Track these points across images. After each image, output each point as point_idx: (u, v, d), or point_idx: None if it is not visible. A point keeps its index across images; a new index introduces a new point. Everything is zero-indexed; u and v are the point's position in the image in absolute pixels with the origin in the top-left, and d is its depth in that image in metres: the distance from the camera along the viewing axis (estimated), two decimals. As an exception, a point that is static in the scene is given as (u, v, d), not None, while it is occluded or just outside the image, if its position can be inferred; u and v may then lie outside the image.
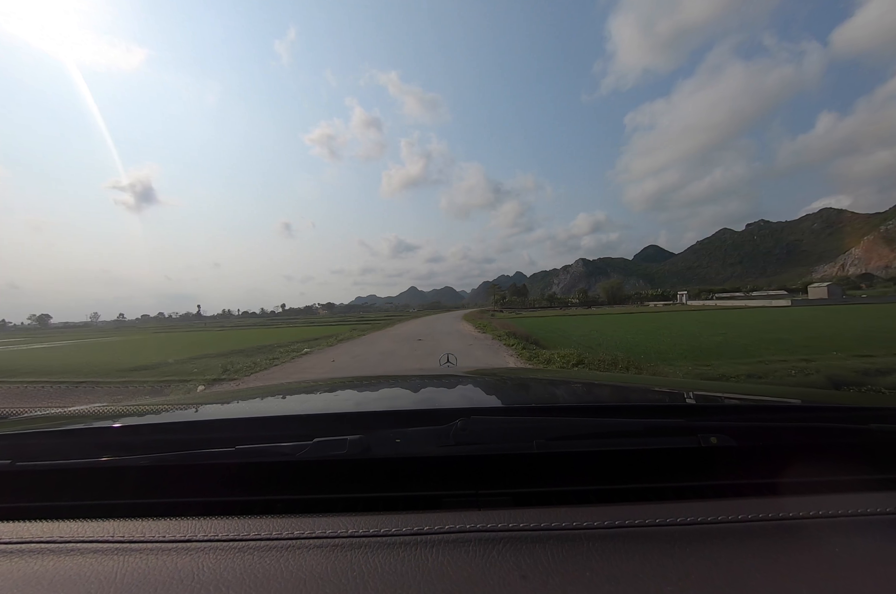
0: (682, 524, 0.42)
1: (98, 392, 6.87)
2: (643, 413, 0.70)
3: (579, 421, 0.62)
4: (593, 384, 1.31)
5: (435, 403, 0.95)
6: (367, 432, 0.56)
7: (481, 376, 1.41)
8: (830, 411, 0.69)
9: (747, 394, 0.96)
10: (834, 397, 0.95)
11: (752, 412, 0.71)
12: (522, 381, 1.36)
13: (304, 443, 0.54)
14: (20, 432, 0.68)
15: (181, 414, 0.86)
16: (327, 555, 0.39)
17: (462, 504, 0.51)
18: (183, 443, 0.59)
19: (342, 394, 1.16)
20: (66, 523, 0.46)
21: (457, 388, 1.15)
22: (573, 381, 1.38)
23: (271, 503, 0.53)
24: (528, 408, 0.79)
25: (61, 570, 0.38)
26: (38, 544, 0.43)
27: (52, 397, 6.76)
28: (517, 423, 0.60)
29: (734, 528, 0.41)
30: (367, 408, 0.86)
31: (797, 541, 0.39)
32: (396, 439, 0.56)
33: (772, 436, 0.58)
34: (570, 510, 0.45)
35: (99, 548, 0.41)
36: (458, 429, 0.55)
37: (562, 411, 0.69)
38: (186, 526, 0.44)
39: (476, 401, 0.99)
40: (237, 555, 0.39)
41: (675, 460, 0.57)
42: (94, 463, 0.56)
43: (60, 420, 0.76)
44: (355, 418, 0.70)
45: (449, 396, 1.06)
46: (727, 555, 0.37)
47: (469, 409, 0.65)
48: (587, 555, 0.38)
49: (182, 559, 0.39)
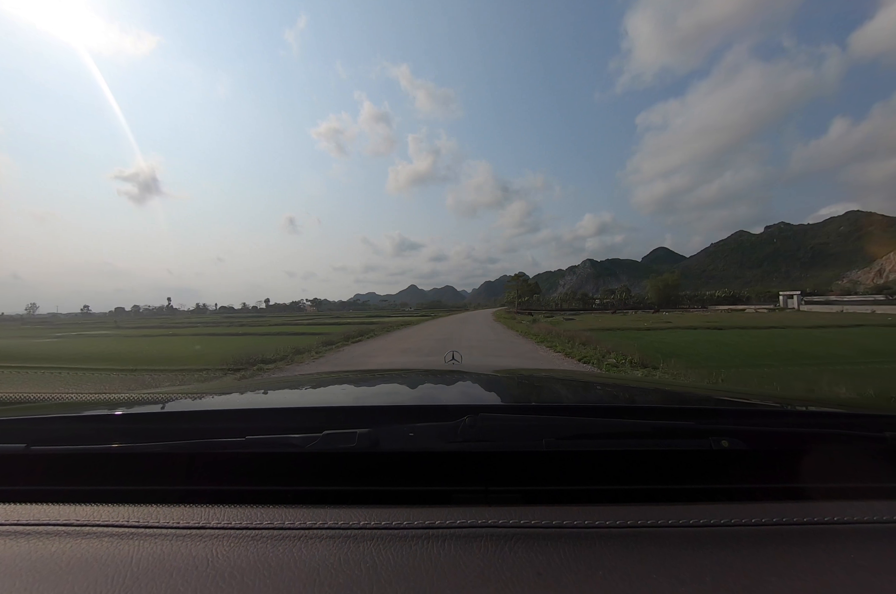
0: (695, 526, 0.42)
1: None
2: (654, 415, 0.70)
3: (589, 421, 0.62)
4: (603, 384, 1.31)
5: (443, 399, 0.95)
6: (376, 426, 0.56)
7: (489, 373, 1.41)
8: (843, 418, 0.69)
9: (759, 398, 0.95)
10: (847, 404, 0.94)
11: (764, 416, 0.71)
12: (530, 380, 1.34)
13: (313, 435, 0.54)
14: (36, 417, 0.69)
15: (194, 403, 0.87)
16: (339, 545, 0.39)
17: (472, 500, 0.51)
18: (195, 431, 0.61)
19: (351, 389, 1.17)
20: (82, 507, 0.47)
21: (465, 385, 1.17)
22: (582, 381, 1.38)
23: (282, 493, 0.54)
24: (537, 406, 0.79)
25: (77, 553, 0.39)
26: (54, 526, 0.43)
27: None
28: (526, 421, 0.60)
29: (747, 532, 0.41)
30: (375, 403, 0.88)
31: (811, 547, 0.39)
32: (405, 434, 0.56)
33: (783, 441, 0.58)
34: (581, 509, 0.45)
35: (115, 533, 0.42)
36: (467, 425, 0.55)
37: (570, 411, 0.70)
38: (200, 513, 0.45)
39: (484, 398, 1.00)
40: (250, 543, 0.40)
41: (685, 462, 0.57)
42: (108, 449, 0.57)
43: (76, 406, 0.76)
44: (364, 412, 0.71)
45: (457, 393, 1.07)
46: (741, 558, 0.37)
47: (477, 406, 0.65)
48: (600, 554, 0.38)
49: (196, 545, 0.40)
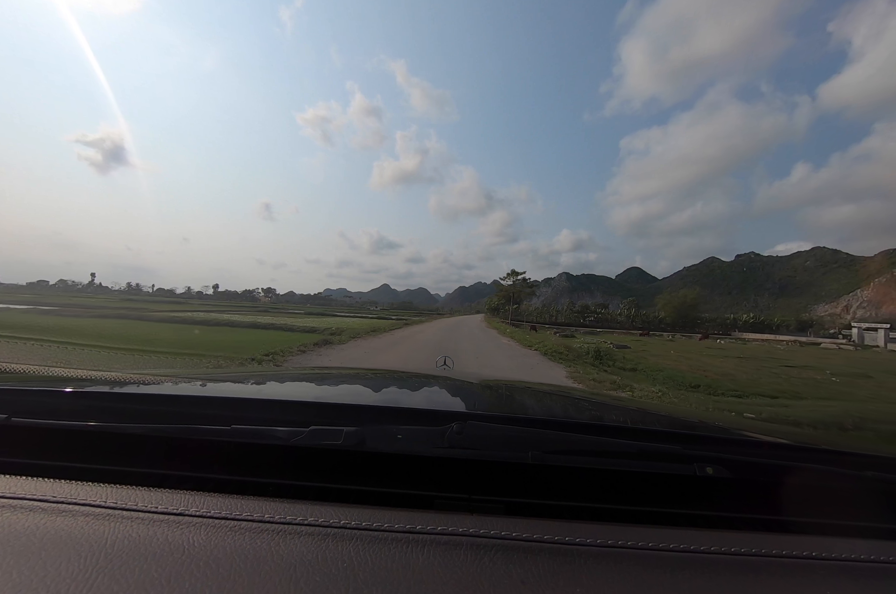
0: (675, 550, 0.42)
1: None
2: (642, 436, 0.69)
3: (577, 437, 0.61)
4: (594, 402, 1.29)
5: (433, 404, 0.94)
6: (363, 425, 0.56)
7: (481, 382, 1.40)
8: (828, 454, 0.69)
9: (747, 428, 0.95)
10: (833, 441, 0.95)
11: (751, 447, 0.71)
12: (522, 392, 1.34)
13: (299, 430, 0.54)
14: (19, 388, 0.67)
15: (181, 387, 0.86)
16: (318, 542, 0.38)
17: (454, 507, 0.51)
18: (180, 415, 0.59)
19: (341, 386, 1.16)
20: (59, 483, 0.46)
21: (455, 391, 1.16)
22: (573, 397, 1.38)
23: (263, 485, 0.53)
24: (526, 418, 0.79)
25: (52, 530, 0.38)
26: (30, 501, 0.42)
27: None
28: (514, 432, 0.59)
29: (726, 560, 0.41)
30: (364, 402, 0.87)
31: (787, 580, 0.39)
32: (392, 435, 0.55)
33: (768, 472, 0.58)
34: (563, 524, 0.45)
35: (90, 512, 0.41)
36: (455, 432, 0.55)
37: (559, 426, 0.69)
38: (179, 499, 0.44)
39: (474, 406, 0.99)
40: (228, 533, 0.39)
41: (669, 486, 0.57)
42: (91, 426, 0.56)
43: (62, 380, 0.76)
44: (352, 410, 0.70)
45: (447, 398, 1.06)
46: (718, 586, 0.37)
47: (466, 414, 0.64)
48: (579, 571, 0.37)
49: (173, 531, 0.39)
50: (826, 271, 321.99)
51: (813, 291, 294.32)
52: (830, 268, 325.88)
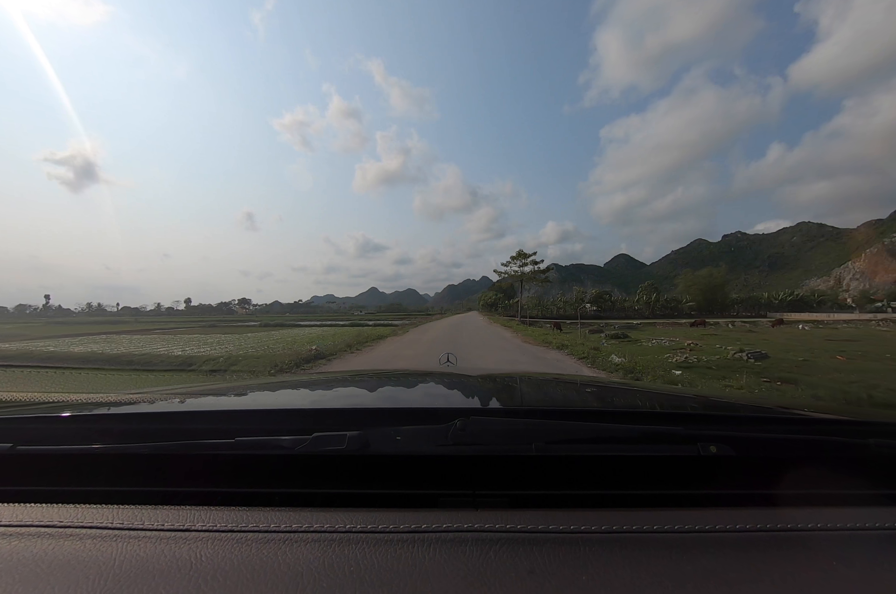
0: (680, 532, 0.42)
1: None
2: (643, 419, 0.70)
3: (579, 425, 0.62)
4: (594, 388, 1.30)
5: (434, 402, 0.95)
6: (366, 429, 0.56)
7: (482, 376, 1.40)
8: (830, 424, 0.70)
9: (748, 404, 0.95)
10: (834, 410, 0.98)
11: (753, 423, 0.71)
12: (523, 383, 1.34)
13: (303, 438, 0.54)
14: (22, 416, 0.68)
15: (182, 404, 0.87)
16: (324, 549, 0.39)
17: (459, 504, 0.51)
18: (183, 432, 0.60)
19: (342, 391, 1.16)
20: (66, 508, 0.46)
21: (457, 388, 1.15)
22: (574, 384, 1.38)
23: (270, 495, 0.53)
24: (528, 410, 0.79)
25: (60, 555, 0.38)
26: (37, 528, 0.43)
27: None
28: (516, 425, 0.60)
29: (731, 538, 0.41)
30: (366, 405, 0.87)
31: (793, 553, 0.39)
32: (395, 437, 0.56)
33: (771, 447, 0.58)
34: (567, 513, 0.45)
35: (97, 534, 0.41)
36: (457, 429, 0.55)
37: (561, 414, 0.69)
38: (185, 515, 0.44)
39: (475, 401, 0.99)
40: (235, 545, 0.39)
41: (673, 468, 0.57)
42: (95, 449, 0.56)
43: (63, 406, 0.76)
44: (355, 414, 0.70)
45: (448, 396, 1.06)
46: (723, 564, 0.37)
47: (468, 410, 0.64)
48: (584, 558, 0.38)
49: (180, 548, 0.39)
50: (813, 245, 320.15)
51: (803, 266, 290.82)
52: (818, 241, 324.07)
